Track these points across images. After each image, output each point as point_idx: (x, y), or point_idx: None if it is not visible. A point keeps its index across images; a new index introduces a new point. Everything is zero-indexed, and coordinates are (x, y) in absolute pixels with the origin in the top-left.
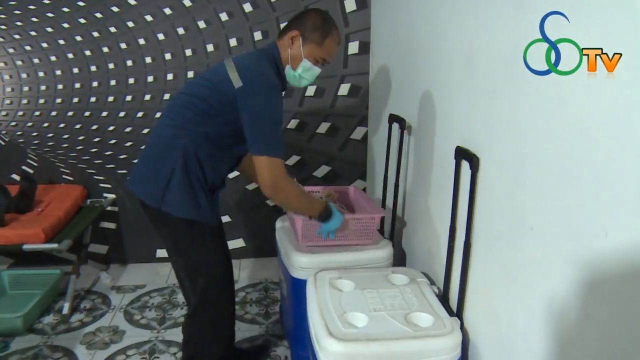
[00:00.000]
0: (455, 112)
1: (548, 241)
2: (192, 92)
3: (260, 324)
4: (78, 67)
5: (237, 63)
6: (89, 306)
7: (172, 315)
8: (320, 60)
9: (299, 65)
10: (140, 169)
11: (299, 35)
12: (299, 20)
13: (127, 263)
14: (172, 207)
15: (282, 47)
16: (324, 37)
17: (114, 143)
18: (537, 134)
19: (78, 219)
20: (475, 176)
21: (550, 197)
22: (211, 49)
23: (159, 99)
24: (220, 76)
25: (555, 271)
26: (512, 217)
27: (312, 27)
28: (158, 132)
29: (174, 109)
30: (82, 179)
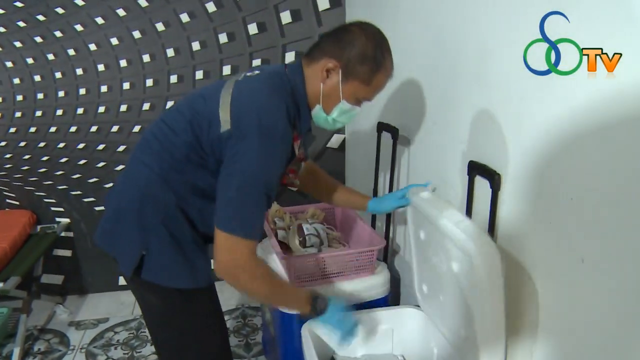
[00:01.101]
0: (462, 122)
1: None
2: (173, 127)
3: (241, 357)
4: (19, 77)
5: (235, 96)
6: (44, 348)
7: (141, 354)
8: (363, 100)
9: (334, 108)
10: (110, 220)
11: (339, 68)
12: (341, 43)
13: (86, 293)
14: (156, 275)
15: (312, 77)
16: (374, 71)
17: (65, 161)
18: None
19: (27, 250)
20: (497, 195)
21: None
22: (172, 53)
23: (114, 111)
24: (208, 113)
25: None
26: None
27: (360, 59)
28: (131, 172)
29: (153, 145)
30: (30, 203)
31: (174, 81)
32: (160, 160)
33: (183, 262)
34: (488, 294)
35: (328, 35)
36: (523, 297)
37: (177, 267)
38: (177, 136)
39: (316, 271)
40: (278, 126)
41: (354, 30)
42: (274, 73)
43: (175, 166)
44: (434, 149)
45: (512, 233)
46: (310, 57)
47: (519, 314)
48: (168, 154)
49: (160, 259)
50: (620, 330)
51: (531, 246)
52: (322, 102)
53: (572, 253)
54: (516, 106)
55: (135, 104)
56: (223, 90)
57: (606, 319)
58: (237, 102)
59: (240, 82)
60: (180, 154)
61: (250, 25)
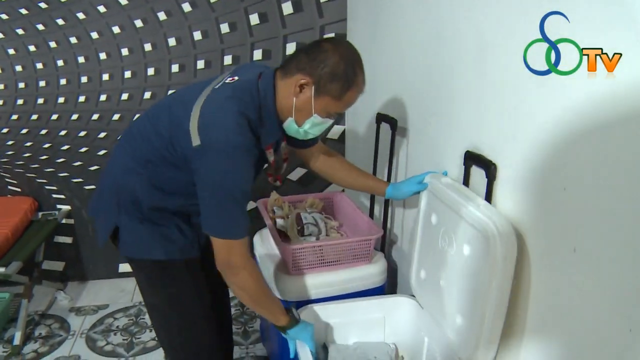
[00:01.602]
0: (461, 113)
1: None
2: (155, 125)
3: (239, 344)
4: (21, 65)
5: (203, 111)
6: (45, 333)
7: (140, 339)
8: (334, 114)
9: (306, 121)
10: (96, 195)
11: (312, 84)
12: (314, 61)
13: (86, 280)
14: (130, 249)
15: (284, 90)
16: (345, 89)
17: (66, 149)
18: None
19: (28, 236)
20: (492, 185)
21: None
22: (173, 42)
23: (116, 99)
24: (182, 123)
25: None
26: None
27: (331, 77)
28: (115, 157)
29: (136, 136)
30: (31, 190)
31: (175, 70)
32: (139, 152)
33: (155, 236)
34: (500, 277)
35: (303, 52)
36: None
37: (149, 240)
38: (157, 135)
39: (314, 259)
40: (240, 141)
41: (328, 48)
42: (247, 83)
43: (153, 160)
44: (432, 140)
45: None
46: (284, 71)
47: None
48: (148, 148)
49: (133, 235)
50: (610, 316)
51: (525, 236)
52: (294, 114)
53: (564, 242)
54: (513, 99)
55: (136, 92)
56: (197, 101)
57: (597, 306)
58: (204, 116)
59: (214, 91)
60: (158, 151)
61: (252, 15)
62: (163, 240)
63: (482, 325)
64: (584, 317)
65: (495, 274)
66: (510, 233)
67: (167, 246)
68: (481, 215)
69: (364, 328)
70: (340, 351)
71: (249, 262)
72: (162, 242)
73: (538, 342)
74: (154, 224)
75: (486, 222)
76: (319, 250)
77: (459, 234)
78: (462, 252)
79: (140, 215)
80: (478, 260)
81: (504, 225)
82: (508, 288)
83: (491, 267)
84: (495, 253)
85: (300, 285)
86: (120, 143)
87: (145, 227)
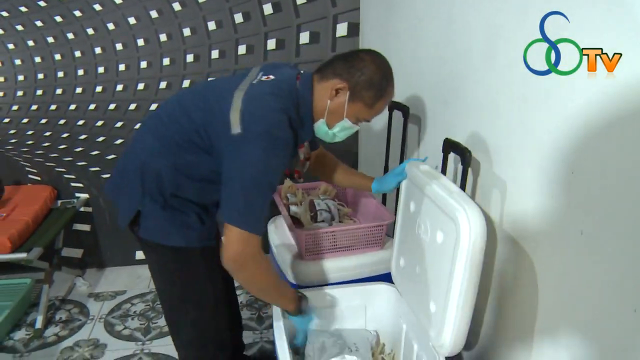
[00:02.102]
0: (471, 101)
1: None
2: (187, 110)
3: (253, 329)
4: (40, 56)
5: (246, 100)
6: (65, 317)
7: (157, 324)
8: (362, 120)
9: (336, 124)
10: (117, 175)
11: (347, 89)
12: (352, 68)
13: (104, 267)
14: (151, 233)
15: (320, 92)
16: (378, 97)
17: (84, 139)
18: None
19: (48, 223)
20: (467, 172)
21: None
22: (188, 33)
23: (132, 89)
24: (220, 110)
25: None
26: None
27: (367, 85)
28: (140, 139)
29: (164, 119)
30: (50, 178)
31: (190, 60)
32: (168, 136)
33: (175, 222)
34: (468, 264)
35: (341, 59)
36: (521, 272)
37: (169, 227)
38: (189, 120)
39: (327, 245)
40: (282, 135)
41: (366, 58)
42: (285, 83)
43: (181, 144)
44: (443, 128)
45: (515, 208)
46: (321, 75)
47: (517, 287)
48: (177, 132)
49: (154, 220)
50: (616, 296)
51: (534, 220)
52: (326, 117)
53: (572, 225)
54: (522, 89)
55: (152, 82)
56: (236, 92)
57: (602, 287)
58: (248, 107)
59: (254, 86)
60: (188, 135)
61: (266, 5)
62: (183, 227)
63: (452, 312)
64: (589, 298)
65: (463, 260)
66: (480, 219)
67: (186, 233)
68: (453, 202)
69: (345, 315)
70: (319, 337)
71: (262, 256)
72: (181, 229)
73: (545, 323)
74: (174, 210)
75: (457, 208)
76: (331, 236)
77: (433, 221)
78: (435, 239)
79: (163, 201)
80: (449, 247)
81: (473, 211)
82: (477, 274)
83: (460, 253)
84: (464, 239)
85: (313, 270)
86: (146, 125)
87: (166, 214)
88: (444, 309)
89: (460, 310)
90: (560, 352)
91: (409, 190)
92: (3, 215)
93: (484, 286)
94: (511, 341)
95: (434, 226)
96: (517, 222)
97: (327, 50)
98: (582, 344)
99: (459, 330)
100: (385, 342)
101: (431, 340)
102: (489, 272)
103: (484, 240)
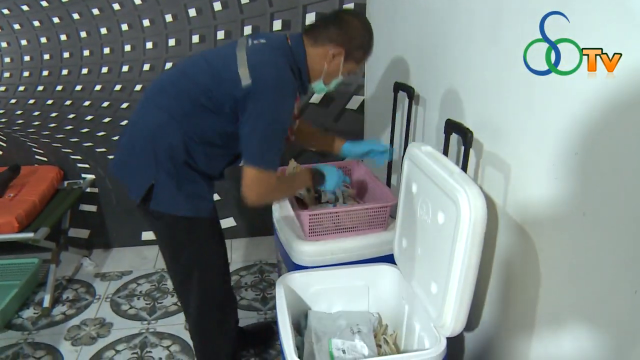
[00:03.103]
0: (475, 82)
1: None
2: (193, 77)
3: (257, 310)
4: (46, 37)
5: (250, 56)
6: (72, 297)
7: (162, 304)
8: (352, 73)
9: (332, 81)
10: (123, 153)
11: (343, 53)
12: (346, 32)
13: (110, 247)
14: (163, 204)
15: (315, 57)
16: (366, 54)
17: (90, 119)
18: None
19: (55, 203)
20: (468, 152)
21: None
22: (193, 13)
23: (137, 71)
24: (228, 69)
25: None
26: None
27: (359, 45)
28: (144, 113)
29: (169, 90)
30: (57, 159)
31: (196, 41)
32: (175, 105)
33: (188, 193)
34: (469, 245)
35: (331, 24)
36: (523, 255)
37: (181, 198)
38: (196, 85)
39: (330, 225)
40: (290, 82)
41: (356, 24)
42: (279, 42)
43: (189, 111)
44: (447, 108)
45: (518, 190)
46: (313, 39)
47: (520, 270)
48: (185, 99)
49: (166, 191)
50: (617, 278)
51: (537, 202)
52: (324, 77)
53: (574, 207)
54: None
55: (158, 63)
56: (238, 51)
57: (604, 269)
58: (255, 62)
59: (250, 47)
60: (196, 100)
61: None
62: (194, 197)
63: (452, 293)
64: (591, 280)
65: (464, 240)
66: (480, 200)
67: (197, 203)
68: (453, 183)
69: (348, 297)
70: (321, 319)
71: (275, 189)
72: (192, 200)
73: (547, 306)
74: (186, 181)
75: (457, 189)
76: (335, 217)
77: (434, 202)
78: (436, 220)
79: (175, 172)
80: (450, 228)
81: (474, 192)
82: (477, 255)
83: (460, 234)
84: (464, 220)
85: (316, 251)
86: (149, 100)
87: (178, 184)
88: (445, 290)
89: (461, 291)
90: (562, 335)
91: (410, 171)
92: (10, 196)
93: (486, 270)
94: (513, 324)
95: (435, 207)
96: (520, 204)
97: None
98: (583, 327)
99: (459, 311)
100: (388, 323)
101: (432, 321)
102: (491, 255)
103: (484, 220)
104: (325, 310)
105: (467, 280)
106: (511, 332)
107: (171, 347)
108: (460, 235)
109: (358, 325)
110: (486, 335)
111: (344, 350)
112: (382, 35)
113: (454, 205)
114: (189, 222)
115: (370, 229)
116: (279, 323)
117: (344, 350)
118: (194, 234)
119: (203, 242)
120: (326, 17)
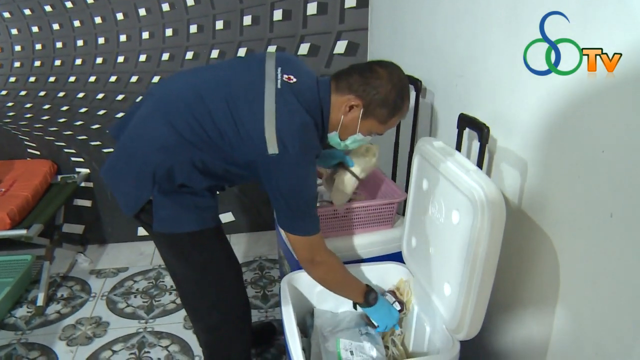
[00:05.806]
0: (488, 75)
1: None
2: (212, 115)
3: (258, 308)
4: (37, 26)
5: (279, 118)
6: (67, 294)
7: (160, 302)
8: (375, 134)
9: (349, 137)
10: (121, 160)
11: (361, 107)
12: (368, 85)
13: (106, 243)
14: (166, 225)
15: (335, 105)
16: (391, 115)
17: (84, 112)
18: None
19: (48, 198)
20: (484, 149)
21: None
22: (191, 2)
23: (133, 61)
24: (253, 126)
25: None
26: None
27: (382, 103)
28: (154, 127)
29: (182, 111)
30: (50, 152)
31: (194, 31)
32: (188, 132)
33: (189, 207)
34: (487, 245)
35: (357, 72)
36: (539, 256)
37: (183, 213)
38: (214, 125)
39: (337, 223)
40: (314, 145)
41: (383, 75)
42: (310, 91)
43: (201, 145)
44: (457, 102)
45: (536, 189)
46: (337, 85)
47: (536, 272)
48: (199, 131)
49: (167, 210)
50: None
51: (556, 202)
52: (339, 130)
53: (601, 208)
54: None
55: (154, 54)
56: (265, 104)
57: (630, 273)
58: (283, 123)
59: (281, 94)
60: (211, 140)
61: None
62: (197, 210)
63: (469, 295)
64: (618, 286)
65: (482, 241)
66: (499, 200)
67: (201, 214)
68: (470, 181)
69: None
70: (327, 319)
71: (330, 254)
72: (195, 212)
73: (567, 307)
74: (185, 194)
75: (475, 187)
76: (342, 214)
77: (448, 201)
78: (450, 219)
79: (173, 189)
80: (466, 228)
81: (492, 191)
82: (496, 257)
83: (479, 234)
84: (483, 220)
85: None
86: (158, 108)
87: (178, 200)
88: (460, 292)
89: (478, 293)
90: (584, 344)
91: (421, 167)
92: (2, 191)
93: (500, 270)
94: (528, 329)
95: (449, 206)
96: (537, 202)
97: (335, 22)
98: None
99: (475, 314)
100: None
101: (445, 324)
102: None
103: (503, 220)
104: (332, 310)
105: (484, 283)
106: (527, 338)
107: (170, 347)
108: (477, 236)
109: (366, 325)
110: (498, 339)
111: (352, 351)
112: (386, 25)
113: (471, 204)
114: (194, 237)
115: (377, 226)
116: (285, 324)
117: (352, 352)
118: (201, 247)
119: (212, 254)
120: (358, 64)
